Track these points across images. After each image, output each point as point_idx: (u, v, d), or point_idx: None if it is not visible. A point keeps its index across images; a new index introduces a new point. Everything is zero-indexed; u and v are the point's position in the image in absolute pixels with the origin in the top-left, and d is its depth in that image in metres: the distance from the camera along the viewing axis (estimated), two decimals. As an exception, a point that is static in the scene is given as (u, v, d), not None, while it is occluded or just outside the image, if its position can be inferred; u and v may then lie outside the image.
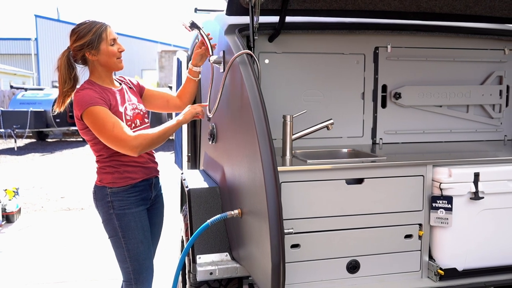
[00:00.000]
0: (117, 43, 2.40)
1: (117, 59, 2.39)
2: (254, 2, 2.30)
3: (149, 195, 2.50)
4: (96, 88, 2.35)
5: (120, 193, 2.37)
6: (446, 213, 2.29)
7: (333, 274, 2.28)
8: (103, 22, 2.38)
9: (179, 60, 4.37)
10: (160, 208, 2.66)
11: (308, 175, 2.20)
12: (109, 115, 2.24)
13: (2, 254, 4.78)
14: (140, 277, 2.45)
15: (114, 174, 2.38)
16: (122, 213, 2.38)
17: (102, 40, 2.34)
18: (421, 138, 3.11)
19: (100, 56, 2.35)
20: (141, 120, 2.46)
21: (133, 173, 2.41)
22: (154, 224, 2.61)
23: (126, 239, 2.39)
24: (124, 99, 2.44)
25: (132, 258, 2.42)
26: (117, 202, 2.37)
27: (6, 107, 16.99)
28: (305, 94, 2.90)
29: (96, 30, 2.33)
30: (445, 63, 3.10)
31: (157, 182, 2.59)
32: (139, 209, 2.43)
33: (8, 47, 32.62)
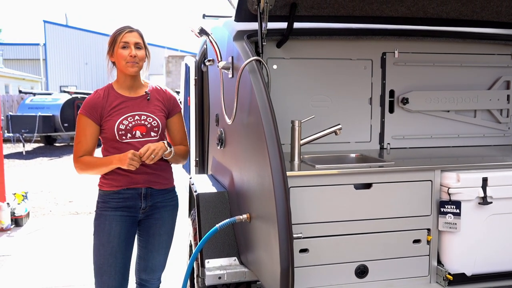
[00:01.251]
0: (130, 48, 2.38)
1: (126, 63, 2.38)
2: (262, 9, 2.32)
3: (137, 204, 2.46)
4: (104, 93, 2.45)
5: (105, 196, 2.46)
6: (454, 218, 2.29)
7: (342, 279, 2.29)
8: (126, 27, 2.43)
9: (187, 65, 4.40)
10: (161, 220, 2.55)
11: (317, 180, 2.22)
12: (84, 130, 2.42)
13: (11, 257, 4.82)
14: (98, 279, 2.45)
15: (102, 179, 2.49)
16: (99, 213, 2.46)
17: (116, 43, 2.40)
18: (428, 143, 3.11)
19: (115, 59, 2.43)
20: (145, 132, 2.43)
21: (116, 180, 2.43)
22: (154, 235, 2.56)
23: (94, 238, 2.47)
24: (132, 108, 2.44)
25: (93, 258, 2.46)
26: (101, 204, 2.47)
27: (15, 111, 17.13)
28: (313, 100, 2.91)
29: (114, 34, 2.42)
30: (452, 68, 3.11)
31: (153, 193, 2.49)
32: (116, 213, 2.43)
33: (17, 52, 32.94)
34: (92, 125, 2.41)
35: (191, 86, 4.05)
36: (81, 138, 2.42)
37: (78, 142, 2.43)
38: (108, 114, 2.41)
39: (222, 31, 2.82)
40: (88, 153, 2.43)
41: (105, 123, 2.41)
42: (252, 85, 2.12)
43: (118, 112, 2.41)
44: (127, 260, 2.49)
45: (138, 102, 2.47)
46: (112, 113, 2.41)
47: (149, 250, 2.58)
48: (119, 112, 2.41)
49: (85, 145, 2.42)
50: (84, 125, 2.42)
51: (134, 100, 2.47)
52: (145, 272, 2.62)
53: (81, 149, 2.42)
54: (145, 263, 2.60)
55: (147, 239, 2.56)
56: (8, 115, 14.59)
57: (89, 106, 2.42)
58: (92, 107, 2.41)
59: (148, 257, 2.59)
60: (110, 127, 2.39)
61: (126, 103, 2.45)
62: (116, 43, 2.39)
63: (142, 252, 2.59)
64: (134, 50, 2.38)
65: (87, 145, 2.42)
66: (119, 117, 2.41)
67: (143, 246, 2.58)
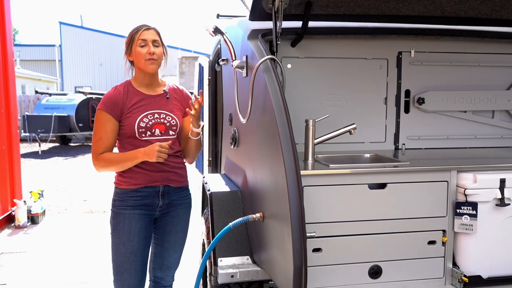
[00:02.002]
0: (148, 45, 2.39)
1: (145, 60, 2.39)
2: (277, 7, 2.31)
3: (154, 202, 2.48)
4: (123, 90, 2.44)
5: (122, 194, 2.45)
6: (471, 219, 2.25)
7: (355, 279, 2.27)
8: (143, 25, 2.43)
9: (201, 65, 4.42)
10: (177, 218, 2.58)
11: (331, 179, 2.20)
12: (104, 126, 2.39)
13: (28, 254, 4.88)
14: (118, 278, 2.47)
15: (119, 177, 2.47)
16: (117, 212, 2.45)
17: (134, 42, 2.40)
18: (445, 144, 3.07)
19: (133, 57, 2.43)
20: (164, 130, 2.46)
21: (134, 178, 2.43)
22: (170, 233, 2.58)
23: (113, 237, 2.47)
24: (152, 106, 2.46)
25: (113, 256, 2.48)
26: (118, 202, 2.46)
27: (31, 111, 17.37)
28: (327, 99, 2.90)
29: (131, 32, 2.43)
30: (470, 68, 3.06)
31: (170, 191, 2.52)
32: (135, 211, 2.43)
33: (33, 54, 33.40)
34: (112, 121, 2.40)
35: (205, 86, 4.07)
36: (101, 134, 2.40)
37: (98, 138, 2.40)
38: (129, 111, 2.41)
39: (237, 30, 2.83)
40: (108, 150, 2.42)
41: (125, 120, 2.41)
42: (266, 84, 2.11)
43: (139, 109, 2.42)
44: (145, 258, 2.52)
45: (157, 100, 2.49)
46: (132, 109, 2.41)
47: (165, 248, 2.59)
48: (139, 109, 2.42)
49: (106, 141, 2.40)
50: (105, 121, 2.40)
51: (153, 98, 2.48)
52: (161, 269, 2.63)
53: (102, 146, 2.40)
54: (160, 261, 2.61)
55: (163, 237, 2.57)
56: (25, 115, 14.80)
57: (110, 102, 2.40)
58: (113, 103, 2.40)
59: (164, 254, 2.60)
60: (130, 123, 2.40)
61: (146, 101, 2.46)
62: (133, 41, 2.40)
63: (158, 250, 2.60)
64: (152, 47, 2.39)
65: (107, 142, 2.40)
66: (139, 114, 2.41)
67: (159, 244, 2.59)
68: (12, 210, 5.98)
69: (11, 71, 6.04)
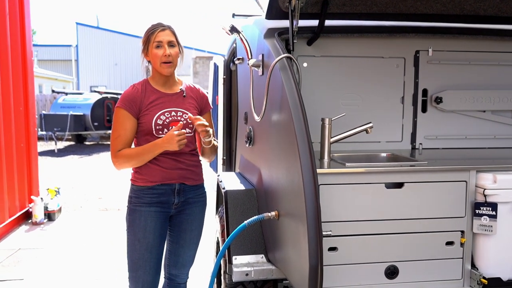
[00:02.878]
0: (164, 47, 2.39)
1: (162, 63, 2.40)
2: (294, 6, 2.31)
3: (170, 199, 2.49)
4: (141, 88, 2.47)
5: (138, 191, 2.46)
6: (490, 220, 2.22)
7: (371, 279, 2.25)
8: (158, 24, 2.43)
9: (216, 65, 4.43)
10: (192, 216, 2.59)
11: (347, 178, 2.19)
12: (123, 124, 2.40)
13: (44, 250, 4.95)
14: (133, 274, 2.48)
15: (136, 173, 2.48)
16: (133, 208, 2.47)
17: (150, 42, 2.41)
18: (463, 144, 3.03)
19: (150, 58, 2.45)
20: (182, 128, 2.45)
21: (152, 176, 2.44)
22: (185, 231, 2.59)
23: (128, 233, 2.49)
24: (169, 104, 2.47)
25: (128, 252, 2.50)
26: (134, 199, 2.47)
27: (47, 110, 17.62)
28: (343, 98, 2.88)
29: (148, 32, 2.43)
30: (489, 67, 3.01)
31: (186, 189, 2.52)
32: (151, 209, 2.44)
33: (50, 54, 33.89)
34: (131, 118, 2.42)
35: (220, 85, 4.08)
36: (120, 131, 2.41)
37: (117, 136, 2.41)
38: (146, 108, 2.43)
39: (253, 29, 2.83)
40: (127, 147, 2.43)
41: (142, 117, 2.43)
42: (282, 82, 2.11)
43: (156, 106, 2.44)
44: (160, 255, 2.53)
45: (174, 99, 2.50)
46: (150, 107, 2.43)
47: (180, 245, 2.60)
48: (156, 107, 2.44)
49: (125, 138, 2.42)
50: (123, 118, 2.41)
51: (170, 96, 2.50)
52: (176, 267, 2.64)
53: (120, 143, 2.41)
54: (175, 258, 2.63)
55: (179, 234, 2.59)
56: (41, 114, 15.00)
57: (128, 99, 2.42)
58: (131, 101, 2.42)
59: (179, 252, 2.61)
60: (147, 121, 2.42)
61: (163, 99, 2.47)
62: (149, 42, 2.41)
63: (173, 247, 2.62)
64: (168, 49, 2.40)
65: (126, 139, 2.42)
66: (156, 111, 2.43)
67: (175, 241, 2.61)
68: (29, 206, 6.07)
69: (30, 70, 6.13)
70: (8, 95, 5.56)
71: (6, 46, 5.52)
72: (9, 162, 5.56)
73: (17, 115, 5.82)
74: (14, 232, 5.58)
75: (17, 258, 4.70)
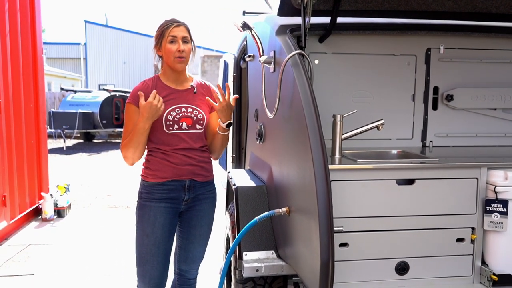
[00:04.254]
0: (178, 42, 2.40)
1: (175, 58, 2.41)
2: (306, 3, 2.32)
3: (180, 196, 2.49)
4: (152, 84, 2.47)
5: (149, 187, 2.47)
6: (501, 217, 2.22)
7: (382, 275, 2.26)
8: (173, 20, 2.44)
9: (226, 62, 4.45)
10: (202, 212, 2.59)
11: (358, 175, 2.20)
12: (132, 119, 2.42)
13: (54, 246, 5.00)
14: (141, 269, 2.49)
15: (146, 169, 2.49)
16: (143, 204, 2.48)
17: (164, 37, 2.41)
18: (473, 141, 3.03)
19: (163, 53, 2.44)
20: (191, 124, 2.47)
21: (162, 172, 2.44)
22: (195, 227, 2.60)
23: (137, 228, 2.50)
24: (180, 100, 2.48)
25: (136, 247, 2.52)
26: (144, 194, 2.48)
27: (56, 108, 17.74)
28: (354, 95, 2.88)
29: (162, 27, 2.44)
30: (501, 65, 3.01)
31: (196, 185, 2.53)
32: (161, 205, 2.45)
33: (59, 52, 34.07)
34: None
35: (230, 83, 4.09)
36: (129, 127, 2.42)
37: (126, 131, 2.43)
38: None
39: (264, 26, 2.84)
40: None
41: None
42: (294, 79, 2.12)
43: (166, 103, 2.44)
44: (168, 250, 2.54)
45: (185, 95, 2.51)
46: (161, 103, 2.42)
47: (190, 241, 2.62)
48: (167, 103, 2.44)
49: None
50: (132, 113, 2.43)
51: (181, 92, 2.51)
52: (185, 262, 2.66)
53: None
54: (185, 254, 2.64)
55: (189, 230, 2.60)
56: (50, 112, 15.09)
57: (138, 95, 2.41)
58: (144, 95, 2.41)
59: (189, 247, 2.63)
60: (158, 117, 2.41)
61: (174, 95, 2.48)
62: (164, 37, 2.41)
63: (183, 243, 2.63)
64: (182, 45, 2.41)
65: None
66: (167, 107, 2.43)
67: (184, 237, 2.62)
68: (39, 203, 6.12)
69: (40, 68, 6.19)
70: (18, 93, 5.62)
71: (17, 44, 5.57)
72: (20, 159, 5.61)
73: (27, 112, 5.87)
74: (25, 228, 5.64)
75: (27, 253, 4.75)
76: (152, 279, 2.50)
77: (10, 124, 5.33)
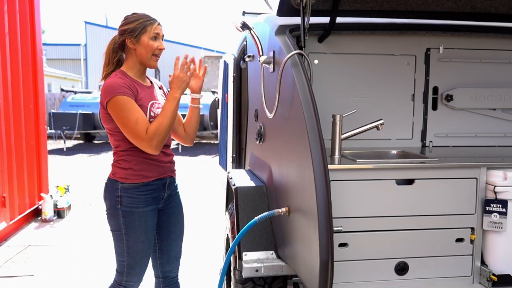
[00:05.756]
0: (159, 41, 2.36)
1: (153, 55, 2.35)
2: (305, 3, 2.32)
3: (161, 194, 2.45)
4: (125, 78, 2.33)
5: (131, 189, 2.34)
6: (500, 217, 2.22)
7: (381, 275, 2.26)
8: (153, 18, 2.38)
9: (225, 63, 4.45)
10: (177, 207, 2.59)
11: (358, 174, 2.20)
12: (134, 108, 2.24)
13: (53, 247, 5.00)
14: (133, 271, 2.45)
15: (128, 170, 2.35)
16: (129, 211, 2.35)
17: (145, 32, 2.32)
18: (473, 141, 3.03)
19: (138, 46, 2.33)
20: None
21: (147, 171, 2.37)
22: (174, 223, 2.57)
23: (128, 236, 2.39)
24: (152, 96, 2.42)
25: (130, 254, 2.41)
26: (126, 199, 2.34)
27: (56, 109, 17.74)
28: (354, 95, 2.88)
29: (143, 21, 2.33)
30: (500, 65, 3.01)
31: (172, 182, 2.52)
32: (147, 209, 2.39)
33: (59, 53, 34.11)
34: (135, 103, 2.28)
35: (230, 83, 4.09)
36: (136, 115, 2.23)
37: (135, 122, 2.22)
38: (139, 99, 2.33)
39: (264, 26, 2.84)
40: (148, 126, 2.26)
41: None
42: (294, 79, 2.12)
43: (145, 98, 2.37)
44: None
45: (151, 91, 2.46)
46: (141, 98, 2.34)
47: (171, 239, 2.59)
48: (144, 99, 2.36)
49: (144, 119, 2.25)
50: (131, 103, 2.24)
51: (148, 88, 2.45)
52: (168, 262, 2.62)
53: (144, 125, 2.24)
54: (167, 254, 2.60)
55: (168, 228, 2.57)
56: (50, 113, 15.09)
57: (124, 87, 2.26)
58: (129, 88, 2.29)
59: (170, 246, 2.60)
60: (143, 111, 2.31)
61: (145, 91, 2.40)
62: (145, 32, 2.32)
63: (164, 244, 2.59)
64: (162, 43, 2.38)
65: (145, 119, 2.26)
66: (147, 102, 2.37)
67: (164, 237, 2.58)
68: (39, 204, 6.12)
69: (40, 69, 6.19)
70: (18, 94, 5.62)
71: (17, 45, 5.57)
72: (19, 159, 5.61)
73: (27, 113, 5.87)
74: (24, 229, 5.63)
75: (27, 254, 4.75)
76: (142, 274, 2.50)
77: (9, 125, 5.33)
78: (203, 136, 17.37)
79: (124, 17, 2.40)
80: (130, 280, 2.48)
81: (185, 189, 8.30)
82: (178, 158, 12.74)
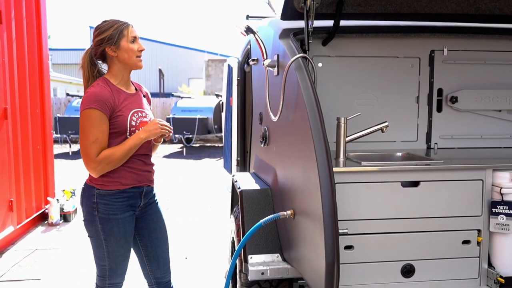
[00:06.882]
0: (138, 42, 2.37)
1: (136, 57, 2.37)
2: (309, 7, 2.33)
3: (137, 202, 2.45)
4: (108, 87, 2.33)
5: (107, 196, 2.34)
6: (507, 219, 2.21)
7: (387, 278, 2.25)
8: (125, 21, 2.36)
9: (230, 66, 4.47)
10: (155, 215, 2.59)
11: (363, 177, 2.20)
12: (100, 127, 2.24)
13: (60, 250, 5.02)
14: (114, 274, 2.47)
15: (104, 177, 2.33)
16: (106, 217, 2.35)
17: (123, 37, 2.32)
18: (478, 143, 3.02)
19: (119, 52, 2.33)
20: None
21: (124, 178, 2.36)
22: (155, 230, 2.58)
23: (108, 242, 2.40)
24: (135, 104, 2.42)
25: (110, 258, 2.43)
26: (102, 206, 2.34)
27: (62, 113, 17.83)
28: (358, 98, 2.89)
29: (118, 26, 2.33)
30: (504, 66, 3.00)
31: (149, 191, 2.53)
32: (124, 215, 2.39)
33: (64, 57, 34.35)
34: (106, 120, 2.28)
35: (234, 86, 4.11)
36: (97, 134, 2.24)
37: (93, 140, 2.23)
38: (119, 109, 2.32)
39: (268, 29, 2.85)
40: (102, 150, 2.28)
41: (116, 118, 2.31)
42: (298, 82, 2.13)
43: (126, 107, 2.37)
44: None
45: (135, 99, 2.45)
46: (121, 108, 2.34)
47: (156, 246, 2.59)
48: (127, 108, 2.37)
49: (103, 141, 2.27)
50: (100, 120, 2.24)
51: (132, 96, 2.44)
52: (159, 268, 2.62)
53: (99, 147, 2.25)
54: (156, 260, 2.61)
55: (150, 235, 2.57)
56: (56, 117, 15.18)
57: (102, 100, 2.25)
58: (105, 101, 2.27)
59: (157, 252, 2.60)
60: (122, 122, 2.33)
61: (129, 99, 2.40)
62: (123, 36, 2.32)
63: (149, 251, 2.59)
64: (141, 44, 2.40)
65: (103, 142, 2.27)
66: (128, 112, 2.36)
67: (148, 245, 2.58)
68: (45, 208, 6.15)
69: (46, 73, 6.23)
70: (25, 98, 5.66)
71: (23, 51, 5.62)
72: (26, 164, 5.65)
73: (33, 118, 5.91)
74: (31, 233, 5.66)
75: (34, 258, 4.77)
76: (124, 274, 2.54)
77: (16, 129, 5.36)
78: (208, 139, 17.41)
79: (95, 27, 2.39)
80: (113, 281, 2.51)
81: (190, 192, 8.31)
82: (183, 161, 12.77)
